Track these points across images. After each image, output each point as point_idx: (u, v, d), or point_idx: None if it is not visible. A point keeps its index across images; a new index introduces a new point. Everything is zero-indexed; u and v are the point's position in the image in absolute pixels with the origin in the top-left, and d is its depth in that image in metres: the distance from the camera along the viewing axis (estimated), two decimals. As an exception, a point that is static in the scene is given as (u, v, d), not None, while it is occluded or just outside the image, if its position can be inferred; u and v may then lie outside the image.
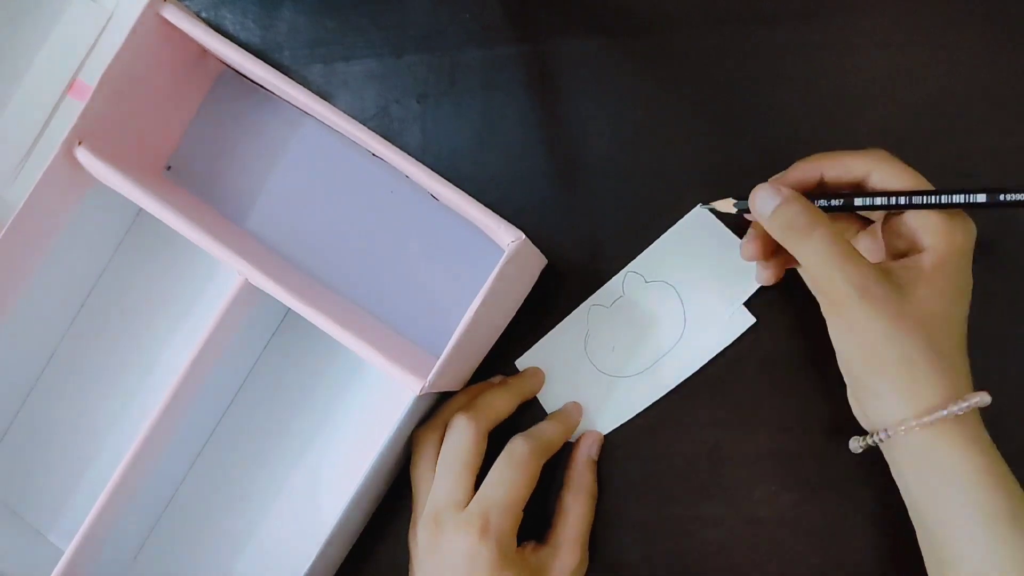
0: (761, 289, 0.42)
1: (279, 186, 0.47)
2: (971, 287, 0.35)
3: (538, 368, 0.44)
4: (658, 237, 0.43)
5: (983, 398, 0.33)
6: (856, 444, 0.37)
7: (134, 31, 0.42)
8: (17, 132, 0.49)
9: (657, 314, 0.43)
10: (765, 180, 0.38)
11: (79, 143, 0.42)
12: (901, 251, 0.36)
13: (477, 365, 0.44)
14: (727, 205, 0.39)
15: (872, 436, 0.36)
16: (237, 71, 0.46)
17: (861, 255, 0.35)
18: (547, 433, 0.42)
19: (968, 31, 0.42)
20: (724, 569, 0.42)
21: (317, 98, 0.41)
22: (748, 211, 0.38)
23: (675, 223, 0.43)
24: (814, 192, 0.37)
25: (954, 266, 0.35)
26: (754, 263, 0.40)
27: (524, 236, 0.38)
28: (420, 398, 0.39)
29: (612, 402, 0.43)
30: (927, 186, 0.36)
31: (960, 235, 0.35)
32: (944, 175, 0.41)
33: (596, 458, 0.43)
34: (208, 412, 0.46)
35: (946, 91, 0.42)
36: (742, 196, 0.38)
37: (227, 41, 0.42)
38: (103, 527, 0.41)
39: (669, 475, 0.43)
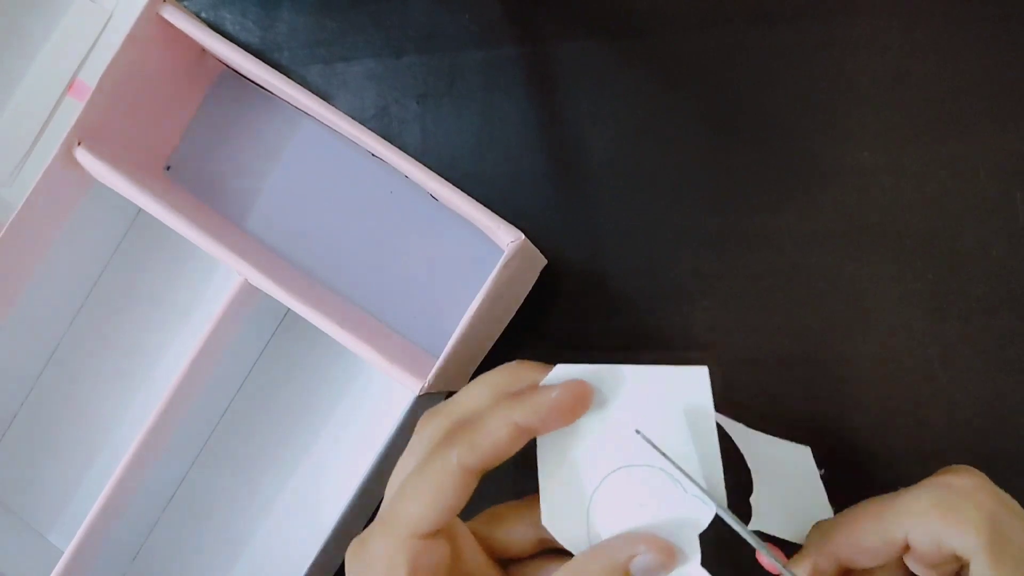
0: None
1: (279, 186, 0.47)
2: None
3: (582, 383, 0.29)
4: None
5: None
6: None
7: (134, 31, 0.42)
8: (17, 132, 0.49)
9: None
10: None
11: (79, 143, 0.42)
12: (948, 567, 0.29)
13: (477, 365, 0.44)
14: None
15: None
16: (237, 71, 0.46)
17: None
18: (487, 432, 0.28)
19: (968, 33, 0.42)
20: None
21: (317, 98, 0.41)
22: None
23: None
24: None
25: (1001, 550, 0.27)
26: None
27: (523, 236, 0.38)
28: (420, 398, 0.39)
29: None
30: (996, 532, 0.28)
31: (963, 505, 0.28)
32: (943, 178, 0.41)
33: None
34: (208, 412, 0.46)
35: (946, 93, 0.42)
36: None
37: (227, 41, 0.42)
38: (103, 527, 0.41)
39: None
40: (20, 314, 0.45)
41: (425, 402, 0.41)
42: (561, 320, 0.44)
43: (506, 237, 0.38)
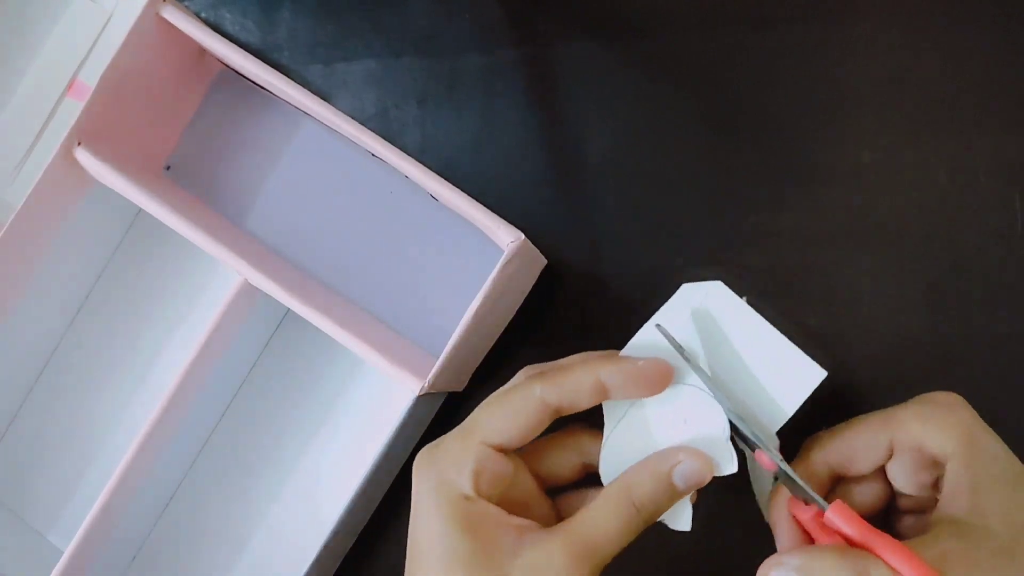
0: None
1: (279, 186, 0.47)
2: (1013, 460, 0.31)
3: (666, 364, 0.31)
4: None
5: None
6: None
7: (133, 31, 0.42)
8: (17, 132, 0.49)
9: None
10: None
11: (78, 143, 0.42)
12: (929, 481, 0.32)
13: (477, 365, 0.44)
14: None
15: None
16: (236, 71, 0.46)
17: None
18: (572, 377, 0.31)
19: (967, 33, 0.42)
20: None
21: (317, 98, 0.41)
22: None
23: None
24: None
25: (974, 453, 0.30)
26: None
27: (523, 236, 0.38)
28: (420, 398, 0.39)
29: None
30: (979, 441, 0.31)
31: (943, 418, 0.31)
32: (942, 178, 0.41)
33: (683, 487, 0.31)
34: (208, 412, 0.46)
35: (945, 93, 0.42)
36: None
37: (226, 41, 0.42)
38: (103, 527, 0.41)
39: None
40: (20, 314, 0.45)
41: (425, 402, 0.41)
42: (561, 320, 0.44)
43: (506, 237, 0.38)
